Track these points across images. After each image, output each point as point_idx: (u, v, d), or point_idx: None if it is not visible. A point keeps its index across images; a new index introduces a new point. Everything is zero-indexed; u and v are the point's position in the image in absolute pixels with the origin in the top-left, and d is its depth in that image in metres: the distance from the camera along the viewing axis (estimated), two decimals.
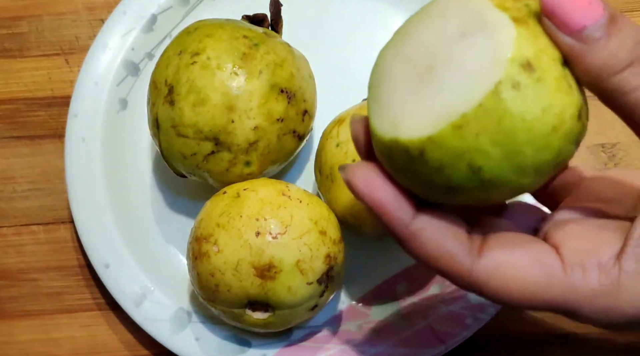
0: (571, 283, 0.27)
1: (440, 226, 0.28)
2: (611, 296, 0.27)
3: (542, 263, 0.28)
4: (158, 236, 0.49)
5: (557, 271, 0.28)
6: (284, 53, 0.43)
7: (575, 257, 0.28)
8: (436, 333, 0.44)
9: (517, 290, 0.28)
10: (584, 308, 0.28)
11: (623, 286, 0.27)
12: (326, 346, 0.45)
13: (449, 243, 0.28)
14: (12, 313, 0.49)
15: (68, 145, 0.48)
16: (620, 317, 0.28)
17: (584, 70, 0.26)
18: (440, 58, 0.27)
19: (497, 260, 0.28)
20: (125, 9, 0.50)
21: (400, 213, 0.28)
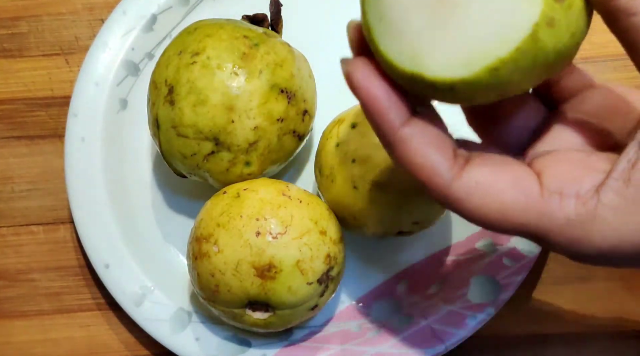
0: (547, 209, 0.27)
1: (428, 137, 0.28)
2: (585, 227, 0.27)
3: (522, 186, 0.28)
4: (158, 236, 0.49)
5: (535, 195, 0.28)
6: (284, 53, 0.43)
7: (555, 184, 0.28)
8: (436, 333, 0.44)
9: (494, 210, 0.28)
10: (556, 236, 0.28)
11: (599, 218, 0.27)
12: (326, 346, 0.45)
13: (434, 155, 0.28)
14: (11, 314, 0.49)
15: (68, 145, 0.48)
16: (591, 249, 0.27)
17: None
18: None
19: (478, 178, 0.28)
20: (125, 9, 0.50)
21: (392, 116, 0.28)
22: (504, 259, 0.45)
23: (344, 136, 0.43)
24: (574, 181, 0.28)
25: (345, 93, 0.48)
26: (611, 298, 0.47)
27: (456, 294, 0.45)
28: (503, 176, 0.28)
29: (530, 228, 0.28)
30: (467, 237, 0.48)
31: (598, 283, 0.48)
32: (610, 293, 0.48)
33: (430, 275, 0.47)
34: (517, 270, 0.44)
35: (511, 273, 0.44)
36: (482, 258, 0.46)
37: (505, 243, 0.45)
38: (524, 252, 0.45)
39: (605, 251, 0.27)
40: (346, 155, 0.42)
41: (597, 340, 0.47)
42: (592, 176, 0.28)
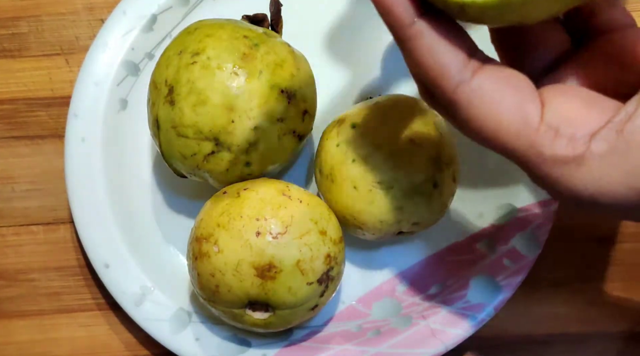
0: (538, 142, 0.27)
1: (441, 36, 0.28)
2: (568, 171, 0.27)
3: (524, 111, 0.28)
4: (158, 236, 0.49)
5: (533, 125, 0.27)
6: (284, 53, 0.43)
7: (554, 119, 0.28)
8: (436, 333, 0.44)
9: (489, 127, 0.28)
10: (539, 170, 0.28)
11: (584, 165, 0.27)
12: (326, 346, 0.45)
13: (445, 55, 0.28)
14: (11, 313, 0.49)
15: (68, 145, 0.48)
16: (569, 193, 0.28)
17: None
18: None
19: (484, 89, 0.28)
20: (125, 9, 0.50)
21: (402, 9, 0.27)
22: (504, 259, 0.45)
23: (344, 136, 0.43)
24: (573, 122, 0.27)
25: (345, 93, 0.48)
26: (611, 299, 0.47)
27: (456, 294, 0.45)
28: (509, 94, 0.28)
29: (517, 154, 0.28)
30: (467, 237, 0.48)
31: (598, 283, 0.48)
32: (609, 294, 0.48)
33: (430, 276, 0.47)
34: (517, 271, 0.44)
35: (511, 273, 0.44)
36: (481, 258, 0.46)
37: (505, 244, 0.46)
38: (524, 253, 0.45)
39: (584, 198, 0.27)
40: (346, 155, 0.42)
41: (596, 340, 0.47)
42: (592, 121, 0.27)
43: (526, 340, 0.47)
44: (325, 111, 0.47)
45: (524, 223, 0.46)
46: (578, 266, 0.48)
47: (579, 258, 0.48)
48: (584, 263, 0.48)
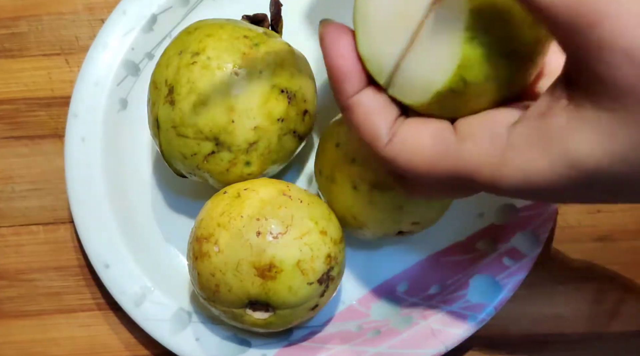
0: (462, 152, 0.30)
1: (374, 105, 0.32)
2: (497, 166, 0.29)
3: (440, 136, 0.31)
4: (158, 236, 0.49)
5: (451, 142, 0.30)
6: (284, 53, 0.43)
7: (469, 128, 0.30)
8: (436, 333, 0.44)
9: (421, 163, 0.31)
10: (475, 176, 0.30)
11: (507, 158, 0.29)
12: (326, 346, 0.45)
13: (377, 120, 0.32)
14: (11, 313, 0.49)
15: (68, 145, 0.48)
16: (507, 187, 0.29)
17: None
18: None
19: (404, 136, 0.31)
20: (125, 9, 0.50)
21: (347, 84, 0.32)
22: (504, 259, 0.45)
23: (344, 136, 0.43)
24: (487, 123, 0.30)
25: None
26: (610, 299, 0.47)
27: (456, 294, 0.45)
28: (424, 130, 0.31)
29: (454, 174, 0.30)
30: (467, 237, 0.48)
31: (597, 283, 0.48)
32: (609, 294, 0.48)
33: (430, 275, 0.47)
34: (517, 270, 0.44)
35: (511, 273, 0.44)
36: (482, 258, 0.46)
37: (506, 243, 0.46)
38: (524, 252, 0.45)
39: (519, 190, 0.29)
40: (346, 155, 0.42)
41: (596, 340, 0.47)
42: (507, 117, 0.30)
43: (526, 340, 0.47)
44: (325, 111, 0.47)
45: (525, 222, 0.46)
46: (578, 266, 0.48)
47: (579, 258, 0.48)
48: (584, 262, 0.48)
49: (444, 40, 0.28)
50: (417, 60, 0.30)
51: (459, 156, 0.30)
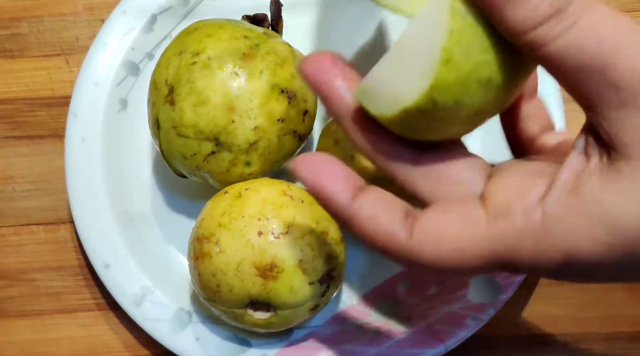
0: (496, 233, 0.27)
1: (376, 204, 0.29)
2: (537, 241, 0.26)
3: (468, 220, 0.27)
4: (158, 236, 0.49)
5: (482, 224, 0.27)
6: (285, 53, 0.43)
7: (500, 206, 0.27)
8: (436, 333, 0.44)
9: (450, 254, 0.27)
10: (514, 257, 0.27)
11: (547, 229, 0.26)
12: (326, 346, 0.45)
13: (385, 219, 0.28)
14: (11, 313, 0.49)
15: (68, 145, 0.48)
16: (549, 263, 0.26)
17: (503, 25, 0.25)
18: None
19: (428, 228, 0.28)
20: (125, 9, 0.50)
21: (338, 197, 0.29)
22: None
23: (343, 133, 0.43)
24: (518, 197, 0.27)
25: None
26: (610, 299, 0.48)
27: (456, 294, 0.45)
28: (447, 218, 0.28)
29: (489, 259, 0.27)
30: None
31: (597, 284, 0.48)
32: (609, 294, 0.48)
33: (430, 276, 0.47)
34: None
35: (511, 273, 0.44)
36: None
37: None
38: None
39: (564, 263, 0.26)
40: (345, 152, 0.42)
41: (596, 340, 0.47)
42: (536, 188, 0.27)
43: (526, 340, 0.47)
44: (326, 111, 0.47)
45: None
46: None
47: None
48: None
49: (420, 57, 0.27)
50: (391, 69, 0.28)
51: (494, 237, 0.27)
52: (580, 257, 0.25)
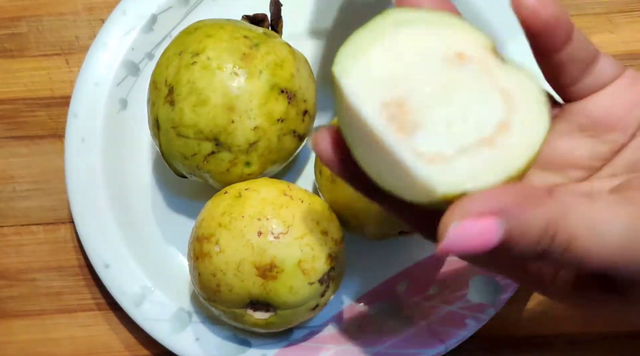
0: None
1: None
2: None
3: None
4: (158, 236, 0.49)
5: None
6: (284, 53, 0.43)
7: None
8: (436, 333, 0.44)
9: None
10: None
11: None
12: (326, 346, 0.45)
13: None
14: (12, 313, 0.49)
15: (68, 145, 0.48)
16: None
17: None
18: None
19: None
20: (125, 9, 0.50)
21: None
22: None
23: None
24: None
25: None
26: None
27: (456, 294, 0.45)
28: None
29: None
30: None
31: None
32: None
33: (430, 275, 0.47)
34: None
35: None
36: None
37: None
38: None
39: None
40: None
41: (596, 340, 0.47)
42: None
43: (526, 340, 0.47)
44: (325, 111, 0.47)
45: None
46: None
47: None
48: None
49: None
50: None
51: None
52: None
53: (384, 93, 0.27)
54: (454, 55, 0.28)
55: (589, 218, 0.26)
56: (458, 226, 0.25)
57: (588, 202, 0.26)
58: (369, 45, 0.28)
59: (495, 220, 0.25)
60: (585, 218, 0.26)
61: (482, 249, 0.25)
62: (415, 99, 0.27)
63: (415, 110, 0.27)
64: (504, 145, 0.27)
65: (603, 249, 0.26)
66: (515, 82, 0.28)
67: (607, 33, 0.51)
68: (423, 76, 0.28)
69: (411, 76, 0.28)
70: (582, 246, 0.26)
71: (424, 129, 0.27)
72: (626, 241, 0.26)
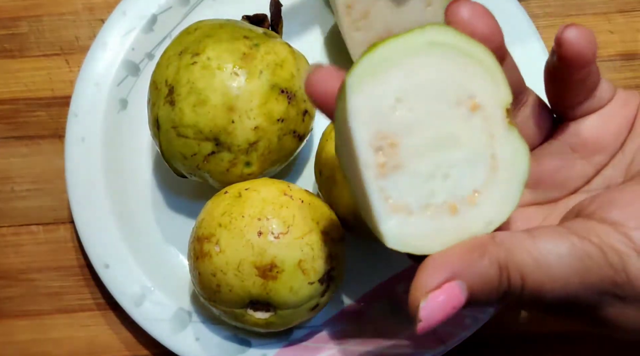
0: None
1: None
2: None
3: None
4: (158, 236, 0.49)
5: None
6: (284, 53, 0.43)
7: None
8: (436, 333, 0.44)
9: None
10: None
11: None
12: (326, 346, 0.45)
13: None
14: (11, 313, 0.49)
15: (68, 145, 0.48)
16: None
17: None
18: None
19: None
20: (125, 9, 0.50)
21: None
22: None
23: None
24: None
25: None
26: None
27: None
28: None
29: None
30: None
31: None
32: None
33: None
34: None
35: None
36: None
37: None
38: None
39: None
40: None
41: (595, 339, 0.47)
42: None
43: (526, 339, 0.47)
44: None
45: None
46: None
47: None
48: None
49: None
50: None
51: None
52: None
53: (384, 125, 0.27)
54: (467, 101, 0.28)
55: (534, 252, 0.27)
56: (426, 305, 0.27)
57: (530, 237, 0.27)
58: (392, 65, 0.27)
59: (455, 283, 0.27)
60: (531, 253, 0.27)
61: (454, 312, 0.27)
62: (411, 141, 0.27)
63: (404, 152, 0.27)
64: (464, 217, 0.28)
65: (555, 281, 0.27)
66: (510, 153, 0.28)
67: (607, 33, 0.51)
68: (428, 117, 0.27)
69: (417, 113, 0.27)
70: (534, 280, 0.27)
71: (403, 174, 0.27)
72: (580, 268, 0.27)
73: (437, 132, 0.27)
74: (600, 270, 0.27)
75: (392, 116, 0.27)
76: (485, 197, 0.28)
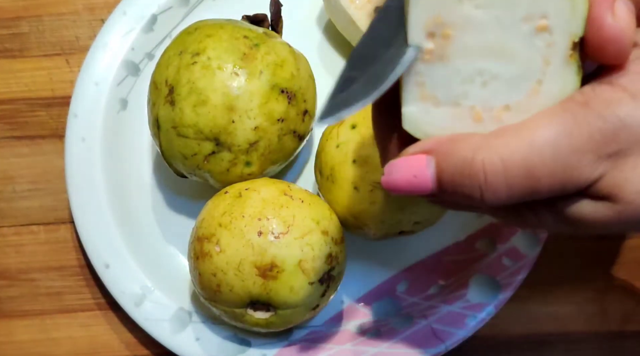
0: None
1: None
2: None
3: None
4: (158, 236, 0.49)
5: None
6: (285, 53, 0.43)
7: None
8: (436, 333, 0.44)
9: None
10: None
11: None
12: (326, 346, 0.45)
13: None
14: (12, 313, 0.49)
15: (68, 145, 0.48)
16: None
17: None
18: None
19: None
20: (125, 9, 0.50)
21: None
22: (504, 259, 0.45)
23: (344, 136, 0.43)
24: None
25: None
26: (610, 298, 0.48)
27: (456, 294, 0.45)
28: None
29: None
30: (467, 237, 0.48)
31: (598, 282, 0.48)
32: (609, 293, 0.48)
33: (430, 275, 0.47)
34: (517, 270, 0.44)
35: (511, 273, 0.44)
36: (481, 258, 0.46)
37: (505, 243, 0.46)
38: (524, 252, 0.45)
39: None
40: (346, 156, 0.42)
41: (596, 339, 0.47)
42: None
43: (526, 339, 0.47)
44: None
45: None
46: (578, 265, 0.48)
47: (579, 257, 0.48)
48: (584, 262, 0.48)
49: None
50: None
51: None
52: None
53: (445, 12, 0.26)
54: (537, 20, 0.26)
55: (523, 135, 0.26)
56: (392, 163, 0.28)
57: (517, 131, 0.27)
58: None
59: (424, 156, 0.28)
60: (519, 137, 0.26)
61: (418, 185, 0.28)
62: (464, 39, 0.27)
63: (454, 47, 0.27)
64: (484, 128, 0.27)
65: (543, 159, 0.26)
66: (558, 85, 0.27)
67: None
68: (491, 22, 0.26)
69: (482, 14, 0.26)
70: (520, 161, 0.26)
71: (445, 67, 0.27)
72: (568, 127, 0.26)
73: (494, 39, 0.26)
74: (589, 126, 0.26)
75: (456, 7, 0.26)
76: (512, 117, 0.27)
